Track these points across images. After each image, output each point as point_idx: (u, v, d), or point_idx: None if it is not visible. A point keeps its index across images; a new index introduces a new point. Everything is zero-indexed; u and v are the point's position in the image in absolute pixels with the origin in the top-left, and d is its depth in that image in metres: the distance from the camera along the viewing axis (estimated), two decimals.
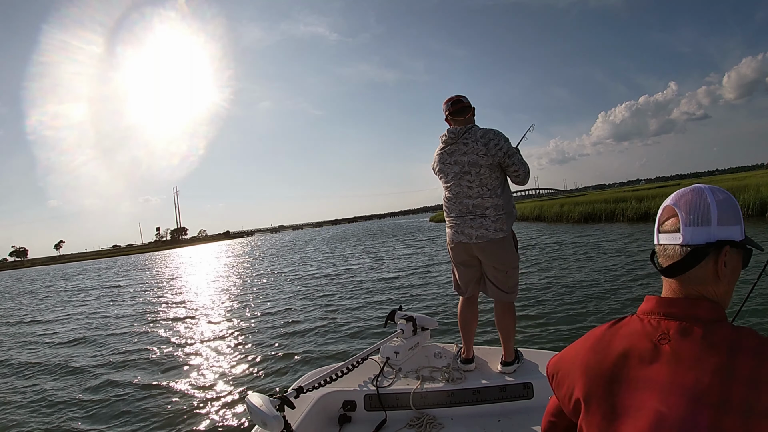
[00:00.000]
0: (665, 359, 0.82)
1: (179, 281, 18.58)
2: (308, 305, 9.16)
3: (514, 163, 2.28)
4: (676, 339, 0.82)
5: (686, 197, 0.88)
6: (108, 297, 15.44)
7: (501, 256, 2.31)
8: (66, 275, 36.07)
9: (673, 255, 0.87)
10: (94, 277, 28.47)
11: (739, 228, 0.86)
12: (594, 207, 23.91)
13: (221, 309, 10.05)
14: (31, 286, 27.67)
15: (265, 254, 30.24)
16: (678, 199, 0.89)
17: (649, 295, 0.92)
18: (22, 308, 15.63)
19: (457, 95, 2.40)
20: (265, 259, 25.51)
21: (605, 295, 7.11)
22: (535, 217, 29.63)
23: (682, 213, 0.87)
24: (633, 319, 0.91)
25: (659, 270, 0.90)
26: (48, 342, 8.77)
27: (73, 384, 5.72)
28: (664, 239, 0.89)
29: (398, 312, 2.54)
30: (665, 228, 0.89)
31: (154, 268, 32.04)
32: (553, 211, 27.37)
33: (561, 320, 6.02)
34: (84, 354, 7.26)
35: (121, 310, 11.80)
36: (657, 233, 0.91)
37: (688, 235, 0.85)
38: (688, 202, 0.88)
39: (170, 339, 7.50)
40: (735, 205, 0.88)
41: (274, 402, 1.61)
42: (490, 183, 2.26)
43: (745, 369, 0.75)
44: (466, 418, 2.16)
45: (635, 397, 0.83)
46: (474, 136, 2.28)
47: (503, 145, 2.26)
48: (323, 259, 20.12)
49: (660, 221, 0.91)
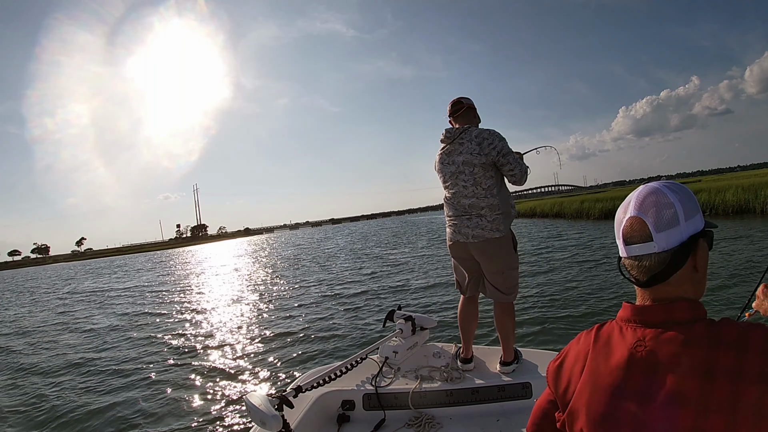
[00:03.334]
0: (639, 366, 0.80)
1: (186, 280, 18.70)
2: (309, 305, 9.14)
3: (509, 162, 2.27)
4: (652, 345, 0.80)
5: (648, 201, 0.83)
6: (113, 297, 15.49)
7: (498, 256, 2.30)
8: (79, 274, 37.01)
9: (650, 266, 0.82)
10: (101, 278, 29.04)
11: (700, 215, 0.83)
12: (614, 203, 23.37)
13: (221, 308, 10.09)
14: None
15: (279, 254, 30.26)
16: (640, 207, 0.84)
17: (625, 302, 0.89)
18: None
19: (459, 97, 2.43)
20: (275, 258, 25.52)
21: (612, 296, 6.95)
22: (555, 214, 29.36)
23: (649, 219, 0.82)
24: (613, 324, 0.89)
25: (636, 283, 0.86)
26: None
27: (71, 384, 5.75)
28: (635, 251, 0.83)
29: (397, 312, 2.54)
30: (633, 239, 0.84)
31: (171, 265, 32.59)
32: (573, 208, 27.10)
33: (564, 320, 5.92)
34: (83, 354, 7.29)
35: (121, 309, 11.89)
36: (623, 245, 0.85)
37: (662, 241, 0.81)
38: (652, 206, 0.83)
39: (170, 338, 7.54)
40: (690, 193, 0.84)
41: (273, 401, 1.61)
42: (485, 182, 2.26)
43: (726, 363, 0.72)
44: (464, 418, 2.15)
45: (614, 406, 0.82)
46: (469, 136, 2.29)
47: (497, 144, 2.25)
48: (334, 259, 19.99)
49: (624, 233, 0.85)
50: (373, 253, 19.91)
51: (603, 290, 7.37)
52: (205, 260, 33.41)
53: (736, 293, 5.95)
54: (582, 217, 25.23)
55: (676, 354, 0.77)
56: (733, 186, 19.20)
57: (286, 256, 26.69)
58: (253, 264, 23.13)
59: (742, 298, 5.30)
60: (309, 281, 13.07)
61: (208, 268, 24.50)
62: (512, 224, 2.37)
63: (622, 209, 0.87)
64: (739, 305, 5.23)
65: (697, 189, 21.29)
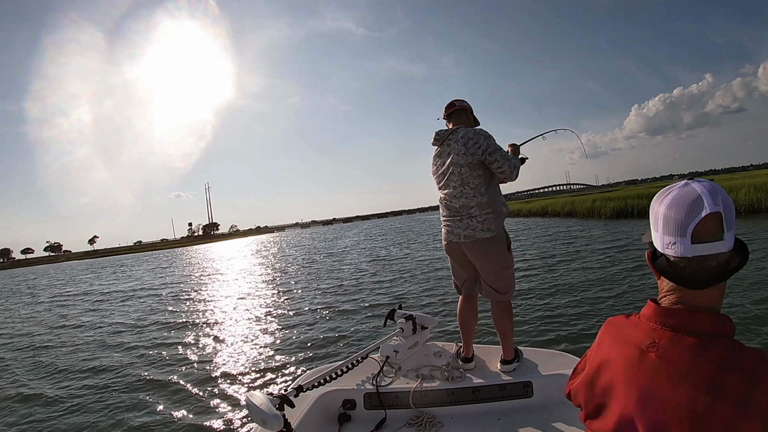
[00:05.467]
0: (647, 367, 0.80)
1: (191, 279, 18.75)
2: (309, 304, 9.14)
3: (497, 159, 2.28)
4: (666, 349, 0.79)
5: (720, 198, 0.77)
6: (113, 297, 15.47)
7: (490, 256, 2.30)
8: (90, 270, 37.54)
9: (715, 266, 0.77)
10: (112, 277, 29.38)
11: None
12: (626, 202, 23.25)
13: (222, 307, 10.09)
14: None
15: (285, 253, 30.24)
16: (717, 202, 0.76)
17: (650, 300, 0.87)
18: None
19: (454, 99, 2.51)
20: (282, 258, 25.51)
21: (619, 295, 6.87)
22: (566, 213, 29.07)
23: (725, 216, 0.76)
24: (635, 318, 0.89)
25: (690, 284, 0.80)
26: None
27: (70, 382, 5.78)
28: (706, 249, 0.76)
29: (398, 311, 2.55)
30: (705, 236, 0.76)
31: (179, 264, 32.72)
32: (585, 207, 26.82)
33: (565, 319, 5.82)
34: (82, 353, 7.35)
35: (121, 310, 11.94)
36: (690, 244, 0.77)
37: (730, 240, 0.77)
38: (725, 203, 0.77)
39: (170, 337, 7.58)
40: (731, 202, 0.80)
41: (274, 401, 1.62)
42: (472, 182, 2.28)
43: (734, 389, 0.70)
44: (465, 417, 2.16)
45: (610, 399, 0.84)
46: (456, 137, 2.34)
47: (482, 143, 2.27)
48: (339, 258, 19.95)
49: (697, 230, 0.77)
50: (377, 253, 19.87)
51: (604, 289, 7.30)
52: (215, 259, 33.58)
53: (753, 298, 5.77)
54: (594, 216, 24.97)
55: (689, 363, 0.75)
56: (745, 185, 18.91)
57: (293, 255, 26.75)
58: (259, 263, 23.19)
59: (757, 303, 5.23)
60: (310, 280, 13.07)
61: (216, 267, 24.61)
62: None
63: (684, 207, 0.78)
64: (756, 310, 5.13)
65: None
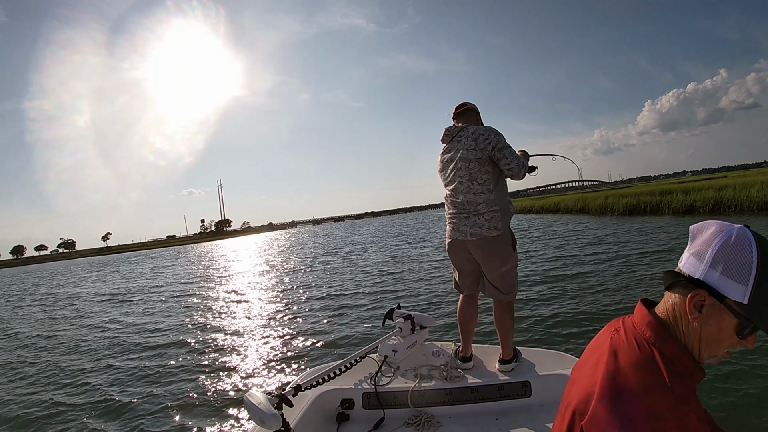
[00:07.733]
0: (591, 364, 0.88)
1: (197, 276, 18.79)
2: (309, 303, 9.12)
3: (505, 156, 2.28)
4: (620, 349, 0.86)
5: (712, 230, 0.83)
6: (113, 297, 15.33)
7: (496, 254, 2.29)
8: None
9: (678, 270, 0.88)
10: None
11: (740, 288, 0.76)
12: (639, 199, 22.84)
13: (223, 306, 10.07)
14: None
15: (292, 250, 30.09)
16: (702, 228, 0.86)
17: (640, 302, 0.94)
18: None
19: (464, 101, 2.54)
20: (289, 255, 25.46)
21: (623, 294, 6.74)
22: (579, 210, 28.71)
23: (692, 240, 0.86)
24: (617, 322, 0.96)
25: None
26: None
27: (69, 382, 5.80)
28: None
29: (396, 310, 2.54)
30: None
31: (189, 260, 32.94)
32: (597, 204, 26.40)
33: (565, 319, 5.73)
34: (82, 353, 7.36)
35: (121, 309, 11.92)
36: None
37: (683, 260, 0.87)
38: (704, 233, 0.85)
39: (169, 336, 7.59)
40: (748, 263, 0.76)
41: (273, 400, 1.62)
42: (480, 177, 2.27)
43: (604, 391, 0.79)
44: (464, 417, 2.16)
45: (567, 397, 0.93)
46: (466, 133, 2.35)
47: (492, 138, 2.27)
48: (342, 258, 19.65)
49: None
50: (380, 252, 19.78)
51: (608, 288, 7.20)
52: (225, 256, 33.81)
53: None
54: (606, 212, 24.58)
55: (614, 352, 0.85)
56: (758, 182, 18.51)
57: (300, 252, 26.74)
58: (265, 261, 23.15)
59: None
60: (311, 280, 13.01)
61: (223, 264, 24.73)
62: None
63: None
64: None
65: (722, 185, 20.58)
